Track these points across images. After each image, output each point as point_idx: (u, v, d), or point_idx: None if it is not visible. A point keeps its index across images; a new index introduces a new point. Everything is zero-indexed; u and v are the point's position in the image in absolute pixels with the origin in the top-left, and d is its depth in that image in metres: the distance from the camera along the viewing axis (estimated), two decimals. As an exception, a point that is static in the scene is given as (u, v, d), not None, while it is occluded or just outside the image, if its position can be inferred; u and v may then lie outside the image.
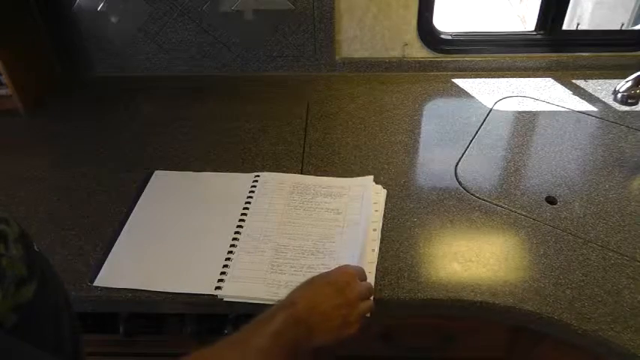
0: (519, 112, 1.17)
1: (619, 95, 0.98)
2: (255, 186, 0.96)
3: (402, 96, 1.22)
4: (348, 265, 0.71)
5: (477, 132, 1.10)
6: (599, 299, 0.76)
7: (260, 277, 0.79)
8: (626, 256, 0.82)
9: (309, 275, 0.72)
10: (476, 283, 0.78)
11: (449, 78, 1.28)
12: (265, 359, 0.56)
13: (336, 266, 0.82)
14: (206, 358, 0.54)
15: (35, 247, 0.49)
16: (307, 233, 0.86)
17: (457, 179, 0.98)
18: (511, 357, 0.90)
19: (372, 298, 0.71)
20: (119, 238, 0.87)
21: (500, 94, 1.22)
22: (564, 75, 1.28)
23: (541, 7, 1.27)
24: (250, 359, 0.56)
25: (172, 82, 1.29)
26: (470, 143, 1.07)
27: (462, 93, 1.23)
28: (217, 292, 0.77)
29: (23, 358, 0.38)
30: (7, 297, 0.41)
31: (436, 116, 1.16)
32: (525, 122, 1.14)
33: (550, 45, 1.29)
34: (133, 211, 0.92)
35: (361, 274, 0.71)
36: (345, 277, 0.68)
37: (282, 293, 0.77)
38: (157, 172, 1.00)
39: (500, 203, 0.92)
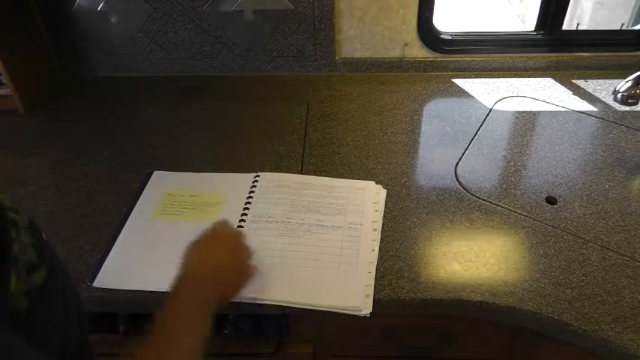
0: (519, 112, 1.17)
1: (619, 95, 0.98)
2: (255, 186, 0.96)
3: (402, 96, 1.22)
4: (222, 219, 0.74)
5: (476, 132, 1.10)
6: (599, 299, 0.76)
7: (260, 278, 0.79)
8: (626, 256, 0.82)
9: (309, 275, 0.72)
10: (476, 283, 0.78)
11: (449, 78, 1.28)
12: (193, 333, 0.59)
13: (337, 265, 0.82)
14: (146, 355, 0.55)
15: (44, 236, 0.50)
16: (308, 234, 0.86)
17: (457, 179, 0.98)
18: (511, 357, 0.90)
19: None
20: (119, 238, 0.87)
21: (500, 94, 1.22)
22: (564, 75, 1.28)
23: (541, 7, 1.27)
24: (182, 339, 0.58)
25: (172, 82, 1.29)
26: (470, 143, 1.07)
27: (462, 93, 1.23)
28: (217, 292, 0.77)
29: (25, 357, 0.38)
30: (20, 281, 0.42)
31: (436, 116, 1.16)
32: (525, 122, 1.14)
33: (550, 45, 1.29)
34: (133, 211, 0.92)
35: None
36: (223, 227, 0.72)
37: (282, 293, 0.77)
38: (156, 172, 1.00)
39: (500, 203, 0.92)
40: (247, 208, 0.91)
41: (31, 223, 0.47)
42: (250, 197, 0.93)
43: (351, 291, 0.77)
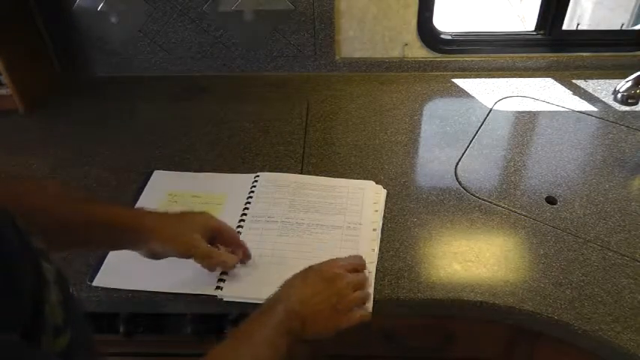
0: (519, 112, 1.17)
1: (619, 95, 0.98)
2: (255, 186, 0.96)
3: (402, 96, 1.22)
4: (339, 258, 0.74)
5: (476, 132, 1.10)
6: (599, 299, 0.76)
7: (260, 278, 0.79)
8: (626, 256, 0.82)
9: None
10: (476, 283, 0.78)
11: (449, 78, 1.28)
12: (272, 349, 0.60)
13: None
14: (222, 356, 0.57)
15: (71, 290, 0.47)
16: (307, 233, 0.86)
17: (457, 179, 0.98)
18: (511, 357, 0.90)
19: (369, 289, 0.73)
20: (119, 238, 0.86)
21: (500, 94, 1.22)
22: (564, 75, 1.28)
23: (541, 7, 1.27)
24: (260, 350, 0.59)
25: (172, 82, 1.29)
26: (470, 143, 1.07)
27: (462, 93, 1.23)
28: (217, 292, 0.77)
29: None
30: (47, 346, 0.39)
31: (436, 116, 1.16)
32: (525, 122, 1.14)
33: (550, 45, 1.29)
34: (133, 211, 0.92)
35: (356, 265, 0.74)
36: (334, 268, 0.71)
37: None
38: (156, 172, 1.00)
39: (501, 203, 0.92)
40: (247, 208, 0.91)
41: (58, 274, 0.44)
42: (250, 197, 0.93)
43: (351, 291, 0.77)
